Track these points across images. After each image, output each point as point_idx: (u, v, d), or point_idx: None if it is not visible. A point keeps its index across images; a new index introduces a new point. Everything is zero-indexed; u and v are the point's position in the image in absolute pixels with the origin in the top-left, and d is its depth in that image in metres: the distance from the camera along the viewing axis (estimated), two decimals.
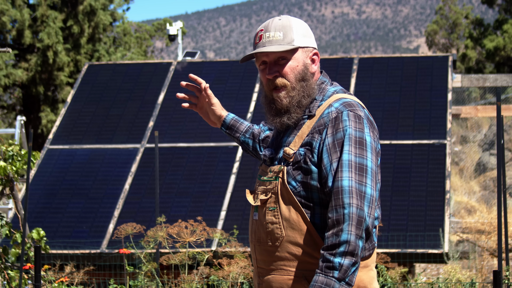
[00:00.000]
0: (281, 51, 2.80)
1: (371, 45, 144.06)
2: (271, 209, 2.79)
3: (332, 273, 2.60)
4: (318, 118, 2.80)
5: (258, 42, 2.84)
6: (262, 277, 2.83)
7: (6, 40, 22.89)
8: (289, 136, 2.85)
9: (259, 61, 2.86)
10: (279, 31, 2.82)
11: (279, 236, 2.77)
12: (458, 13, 31.61)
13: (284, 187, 2.77)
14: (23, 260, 6.36)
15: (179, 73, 11.62)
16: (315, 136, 2.77)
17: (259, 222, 2.83)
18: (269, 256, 2.80)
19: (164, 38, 29.61)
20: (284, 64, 2.82)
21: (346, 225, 2.62)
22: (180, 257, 6.23)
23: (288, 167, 2.79)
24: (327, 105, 2.81)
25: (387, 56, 11.49)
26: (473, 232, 10.86)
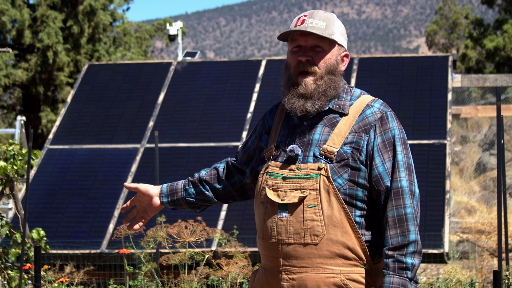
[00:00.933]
0: (321, 38, 2.84)
1: (371, 45, 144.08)
2: (311, 206, 2.77)
3: (405, 273, 2.70)
4: (359, 117, 2.84)
5: (300, 25, 2.84)
6: (291, 275, 2.80)
7: (6, 40, 22.89)
8: (321, 134, 2.84)
9: (295, 43, 2.87)
10: (322, 20, 2.86)
11: (320, 233, 2.76)
12: (458, 13, 31.62)
13: (329, 184, 2.77)
14: (23, 260, 6.35)
15: (179, 73, 11.62)
16: (362, 135, 2.81)
17: (292, 220, 2.78)
18: (304, 253, 2.78)
19: (164, 38, 29.61)
20: (319, 52, 2.85)
21: (412, 224, 2.74)
22: (180, 257, 6.23)
23: (331, 164, 2.79)
24: (364, 104, 2.86)
25: (387, 56, 11.49)
26: (473, 232, 10.86)
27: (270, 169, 2.87)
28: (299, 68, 2.84)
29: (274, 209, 2.82)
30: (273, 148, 2.90)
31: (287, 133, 2.90)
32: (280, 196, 2.82)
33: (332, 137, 2.82)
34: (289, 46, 2.89)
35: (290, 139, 2.88)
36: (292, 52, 2.87)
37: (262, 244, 2.87)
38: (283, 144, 2.88)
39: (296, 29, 2.83)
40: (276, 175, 2.85)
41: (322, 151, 2.80)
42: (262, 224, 2.87)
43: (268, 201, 2.84)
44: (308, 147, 2.83)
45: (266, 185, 2.85)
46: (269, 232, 2.83)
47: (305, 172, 2.80)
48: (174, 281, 6.64)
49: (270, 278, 2.86)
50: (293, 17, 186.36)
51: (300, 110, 2.83)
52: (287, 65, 2.90)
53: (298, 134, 2.87)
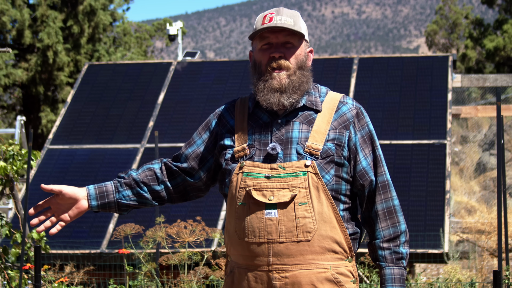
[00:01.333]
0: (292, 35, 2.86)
1: (371, 45, 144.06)
2: (302, 204, 2.79)
3: (402, 263, 2.86)
4: (336, 114, 2.90)
5: (269, 22, 2.86)
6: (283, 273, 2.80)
7: (6, 40, 22.89)
8: (300, 131, 2.86)
9: (264, 41, 2.88)
10: (290, 17, 2.88)
11: (312, 230, 2.79)
12: (458, 13, 31.62)
13: (318, 181, 2.80)
14: (23, 260, 6.35)
15: (179, 73, 11.62)
16: (343, 131, 2.88)
17: (283, 219, 2.79)
18: (296, 251, 2.79)
19: (164, 38, 29.61)
20: (290, 48, 2.87)
21: (400, 215, 2.94)
22: (180, 257, 6.23)
23: (317, 161, 2.82)
24: (336, 101, 2.92)
25: (387, 56, 11.49)
26: (473, 232, 10.85)
27: (247, 169, 2.84)
28: (272, 64, 2.86)
29: (260, 209, 2.81)
30: (245, 147, 2.87)
31: (258, 131, 2.89)
32: (267, 196, 2.81)
33: (313, 134, 2.85)
34: (258, 44, 2.90)
35: (264, 137, 2.87)
36: (262, 50, 2.88)
37: (244, 245, 2.83)
38: (257, 143, 2.87)
39: (271, 25, 2.85)
40: (256, 175, 2.83)
41: (307, 148, 2.83)
42: (244, 225, 2.83)
43: (252, 202, 2.82)
44: (288, 145, 2.84)
45: (245, 185, 2.83)
46: (256, 233, 2.81)
47: (291, 170, 2.81)
48: (174, 281, 6.64)
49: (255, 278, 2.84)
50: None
51: (277, 105, 2.85)
52: (256, 64, 2.90)
53: (273, 132, 2.87)
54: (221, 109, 3.02)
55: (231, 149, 2.91)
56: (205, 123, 3.04)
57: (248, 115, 2.94)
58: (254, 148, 2.87)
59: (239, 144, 2.89)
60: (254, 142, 2.88)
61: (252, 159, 2.85)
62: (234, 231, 2.86)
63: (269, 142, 2.86)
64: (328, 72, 11.01)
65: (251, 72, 2.94)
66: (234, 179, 2.86)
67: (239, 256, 2.87)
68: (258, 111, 2.93)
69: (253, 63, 2.93)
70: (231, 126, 2.95)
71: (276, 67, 2.86)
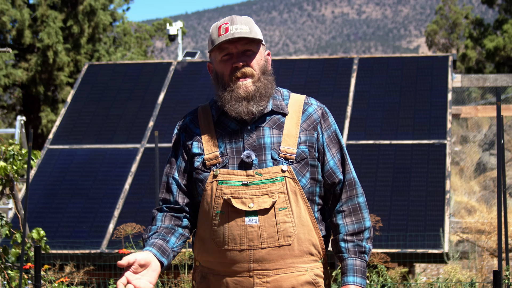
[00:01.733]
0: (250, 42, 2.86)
1: (371, 45, 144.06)
2: (282, 209, 2.81)
3: (364, 257, 2.90)
4: (303, 116, 2.91)
5: (225, 33, 2.86)
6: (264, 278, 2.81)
7: (6, 40, 22.89)
8: (271, 136, 2.86)
9: (224, 52, 2.87)
10: (244, 24, 2.88)
11: (292, 234, 2.81)
12: (458, 13, 31.62)
13: (295, 185, 2.83)
14: (23, 260, 6.35)
15: (179, 73, 11.62)
16: (312, 132, 2.90)
17: (264, 225, 2.79)
18: (277, 256, 2.81)
19: (164, 38, 29.61)
20: (251, 56, 2.88)
21: (365, 212, 2.94)
22: (180, 257, 6.22)
23: (293, 165, 2.84)
24: (301, 103, 2.94)
25: (387, 56, 11.49)
26: (473, 232, 10.86)
27: (222, 177, 2.83)
28: (235, 73, 2.86)
29: (240, 217, 2.80)
30: (217, 155, 2.86)
31: (229, 139, 2.88)
32: (246, 203, 2.80)
33: (285, 139, 2.86)
34: (217, 56, 2.89)
35: (236, 145, 2.87)
36: (222, 61, 2.88)
37: (223, 252, 2.82)
38: (229, 151, 2.86)
39: (229, 36, 2.84)
40: (232, 183, 2.82)
41: (281, 153, 2.84)
42: (224, 233, 2.82)
43: (230, 210, 2.81)
44: (262, 151, 2.84)
45: (222, 193, 2.82)
46: (237, 240, 2.80)
47: (268, 176, 2.82)
48: (174, 281, 6.64)
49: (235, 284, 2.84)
50: (293, 17, 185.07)
51: (246, 113, 2.84)
52: (218, 75, 2.89)
53: (245, 139, 2.87)
54: (184, 122, 2.99)
55: (200, 157, 2.88)
56: (174, 142, 2.99)
57: (216, 122, 2.92)
58: (226, 156, 2.86)
59: (209, 152, 2.88)
60: (226, 150, 2.87)
61: (226, 167, 2.84)
62: (211, 239, 2.84)
63: (241, 149, 2.85)
64: (328, 72, 11.01)
65: (214, 84, 2.93)
66: (208, 188, 2.84)
67: (215, 263, 2.86)
68: (224, 118, 2.91)
69: (215, 75, 2.91)
70: (197, 134, 2.92)
71: (241, 76, 2.86)
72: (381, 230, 8.42)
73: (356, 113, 10.34)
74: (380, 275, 6.63)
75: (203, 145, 2.89)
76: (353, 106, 10.44)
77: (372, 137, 9.98)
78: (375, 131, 10.07)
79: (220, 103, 2.88)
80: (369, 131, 10.07)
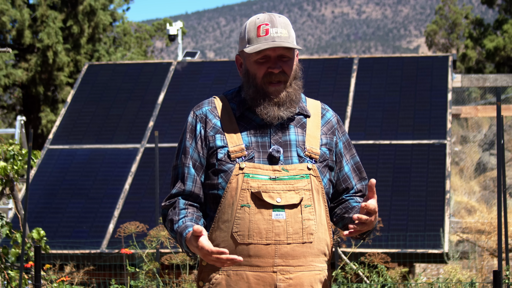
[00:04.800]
0: (288, 49, 2.87)
1: (371, 45, 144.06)
2: (307, 206, 2.83)
3: None
4: (323, 120, 2.97)
5: (265, 35, 2.86)
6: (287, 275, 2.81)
7: (6, 40, 22.89)
8: (296, 134, 2.89)
9: (261, 54, 2.86)
10: (284, 28, 2.89)
11: (314, 232, 2.83)
12: (458, 13, 31.61)
13: (319, 184, 2.86)
14: (23, 260, 6.36)
15: (179, 73, 11.62)
16: (332, 137, 2.96)
17: (290, 220, 2.80)
18: (300, 253, 2.82)
19: (164, 38, 29.61)
20: (287, 62, 2.88)
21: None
22: (182, 257, 6.23)
23: (317, 164, 2.88)
24: (319, 107, 2.99)
25: (387, 56, 11.49)
26: (473, 232, 10.86)
27: (248, 170, 2.82)
28: (269, 78, 2.86)
29: (267, 211, 2.80)
30: (243, 148, 2.85)
31: (254, 133, 2.88)
32: (274, 198, 2.80)
33: (308, 139, 2.90)
34: (253, 56, 2.87)
35: (262, 139, 2.87)
36: (258, 63, 2.87)
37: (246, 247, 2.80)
38: (255, 144, 2.86)
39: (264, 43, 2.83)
40: (259, 177, 2.82)
41: (307, 151, 2.87)
42: (249, 227, 2.80)
43: (258, 203, 2.80)
44: (287, 148, 2.86)
45: (248, 186, 2.81)
46: (263, 234, 2.79)
47: (295, 173, 2.83)
48: (176, 281, 6.64)
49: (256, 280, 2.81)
50: (293, 17, 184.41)
51: (276, 118, 2.86)
52: (249, 74, 2.89)
53: (270, 135, 2.88)
54: (202, 111, 2.95)
55: (224, 149, 2.86)
56: (189, 130, 2.94)
57: (239, 116, 2.92)
58: (252, 150, 2.85)
59: (233, 145, 2.86)
60: (251, 144, 2.86)
61: (252, 161, 2.84)
62: (234, 232, 2.81)
63: (267, 145, 2.86)
64: (328, 72, 11.01)
65: (243, 79, 2.92)
66: (233, 180, 2.83)
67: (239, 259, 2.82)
68: (248, 113, 2.91)
69: (246, 72, 2.91)
70: (219, 127, 2.90)
71: (275, 82, 2.87)
72: (381, 230, 8.42)
73: (356, 113, 10.34)
74: (380, 275, 6.63)
75: (226, 138, 2.87)
76: (353, 106, 10.44)
77: (372, 137, 9.98)
78: (375, 131, 10.07)
79: (250, 102, 2.89)
80: (369, 131, 10.07)
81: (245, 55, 2.91)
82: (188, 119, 2.96)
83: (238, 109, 2.92)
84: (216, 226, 2.85)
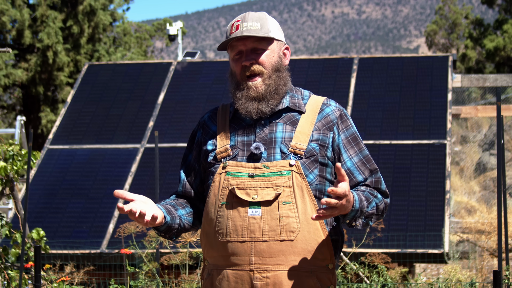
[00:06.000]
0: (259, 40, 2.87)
1: (371, 45, 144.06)
2: (286, 203, 2.78)
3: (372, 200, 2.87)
4: (319, 116, 2.91)
5: (235, 31, 2.88)
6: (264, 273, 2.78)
7: (6, 40, 22.89)
8: (284, 131, 2.87)
9: (235, 50, 2.89)
10: (256, 21, 2.89)
11: (295, 229, 2.78)
12: (458, 13, 31.61)
13: (302, 180, 2.80)
14: (23, 260, 6.35)
15: (179, 73, 11.62)
16: (327, 132, 2.89)
17: (266, 217, 2.78)
18: (278, 251, 2.78)
19: (164, 38, 29.61)
20: (261, 53, 2.88)
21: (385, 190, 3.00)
22: (181, 257, 6.23)
23: (301, 160, 2.83)
24: (320, 103, 2.94)
25: (387, 56, 11.49)
26: (473, 232, 10.85)
27: (230, 169, 2.84)
28: (245, 72, 2.87)
29: (243, 208, 2.80)
30: (228, 148, 2.88)
31: (241, 133, 2.90)
32: (250, 194, 2.80)
33: (297, 135, 2.86)
34: (230, 54, 2.91)
35: (247, 138, 2.88)
36: (234, 60, 2.90)
37: (225, 244, 2.81)
38: (240, 144, 2.87)
39: (232, 36, 2.86)
40: (239, 174, 2.83)
41: (291, 148, 2.84)
42: (227, 224, 2.81)
43: (235, 200, 2.81)
44: (272, 145, 2.85)
45: (228, 184, 2.82)
46: (239, 231, 2.79)
47: (275, 169, 2.81)
48: (175, 281, 6.64)
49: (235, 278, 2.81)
50: (293, 17, 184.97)
51: (256, 113, 2.86)
52: (232, 73, 2.92)
53: (257, 133, 2.88)
54: (203, 119, 3.03)
55: (213, 152, 2.91)
56: (191, 137, 3.04)
57: (231, 118, 2.94)
58: (237, 149, 2.87)
59: (220, 146, 2.90)
60: (237, 143, 2.88)
61: (235, 159, 2.85)
62: (215, 230, 2.83)
63: (252, 143, 2.86)
64: (328, 72, 11.01)
65: (229, 81, 2.96)
66: (216, 179, 2.85)
67: (218, 257, 2.84)
68: (239, 114, 2.93)
69: (230, 72, 2.94)
70: (214, 132, 2.95)
71: (250, 75, 2.87)
72: (381, 230, 8.42)
73: (356, 113, 10.33)
74: (380, 275, 6.63)
75: (216, 141, 2.91)
76: (353, 106, 10.44)
77: (372, 137, 9.98)
78: (375, 131, 10.07)
79: (232, 100, 2.91)
80: (369, 131, 10.07)
81: (229, 56, 2.95)
82: (194, 127, 3.06)
83: (233, 111, 2.95)
84: (205, 225, 2.89)
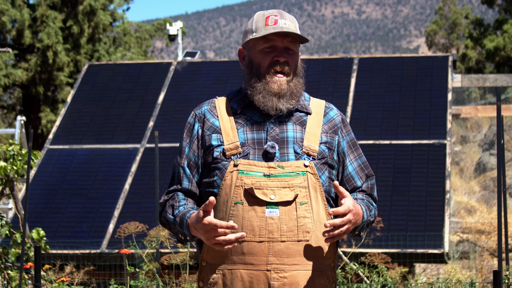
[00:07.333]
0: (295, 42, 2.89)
1: (371, 45, 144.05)
2: (303, 203, 2.78)
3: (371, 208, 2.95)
4: (325, 119, 2.93)
5: (274, 24, 2.86)
6: (282, 273, 2.76)
7: (6, 40, 22.89)
8: (295, 131, 2.86)
9: (269, 43, 2.87)
10: (292, 22, 2.90)
11: (310, 230, 2.78)
12: (458, 13, 31.61)
13: (316, 181, 2.81)
14: (23, 260, 6.35)
15: (179, 73, 11.62)
16: (333, 136, 2.92)
17: (284, 218, 2.76)
18: (296, 251, 2.77)
19: (164, 38, 29.60)
20: (292, 55, 2.90)
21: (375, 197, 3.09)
22: (182, 257, 6.23)
23: (314, 161, 2.83)
24: (322, 106, 2.96)
25: (387, 56, 11.49)
26: (473, 232, 10.85)
27: (243, 167, 2.80)
28: (276, 67, 2.86)
29: (261, 208, 2.77)
30: (238, 145, 2.83)
31: (250, 130, 2.86)
32: (267, 194, 2.77)
33: (308, 136, 2.86)
34: (259, 45, 2.87)
35: (258, 136, 2.85)
36: (263, 52, 2.87)
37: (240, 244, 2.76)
38: (250, 141, 2.84)
39: (273, 30, 2.84)
40: (253, 173, 2.79)
41: (305, 148, 2.83)
42: (242, 224, 2.76)
43: (251, 200, 2.77)
44: (284, 145, 2.83)
45: (242, 183, 2.78)
46: (256, 232, 2.76)
47: (290, 170, 2.79)
48: (175, 281, 6.64)
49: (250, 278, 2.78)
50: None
51: (274, 109, 2.84)
52: (253, 64, 2.88)
53: (267, 131, 2.85)
54: (201, 111, 2.95)
55: (220, 147, 2.85)
56: (187, 129, 2.97)
57: (238, 114, 2.89)
58: (247, 147, 2.83)
59: (228, 142, 2.84)
60: (247, 141, 2.84)
61: (247, 158, 2.81)
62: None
63: (263, 141, 2.83)
64: (328, 72, 11.01)
65: (246, 70, 2.91)
66: (227, 177, 2.80)
67: (229, 257, 2.79)
68: (246, 111, 2.89)
69: (250, 62, 2.89)
70: (217, 126, 2.89)
71: (280, 71, 2.86)
72: (381, 230, 8.42)
73: (356, 113, 10.34)
74: (380, 275, 6.63)
75: (222, 136, 2.86)
76: (353, 106, 10.44)
77: (372, 137, 9.98)
78: (375, 131, 10.07)
79: (249, 91, 2.87)
80: (369, 131, 10.07)
81: (250, 45, 2.90)
82: (188, 119, 2.97)
83: (238, 107, 2.90)
84: None
